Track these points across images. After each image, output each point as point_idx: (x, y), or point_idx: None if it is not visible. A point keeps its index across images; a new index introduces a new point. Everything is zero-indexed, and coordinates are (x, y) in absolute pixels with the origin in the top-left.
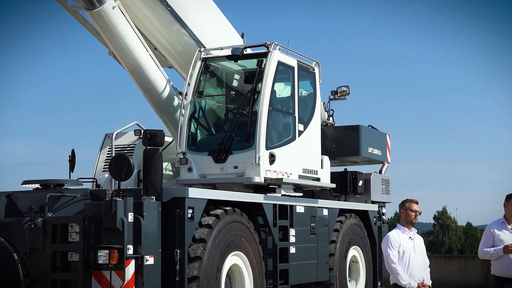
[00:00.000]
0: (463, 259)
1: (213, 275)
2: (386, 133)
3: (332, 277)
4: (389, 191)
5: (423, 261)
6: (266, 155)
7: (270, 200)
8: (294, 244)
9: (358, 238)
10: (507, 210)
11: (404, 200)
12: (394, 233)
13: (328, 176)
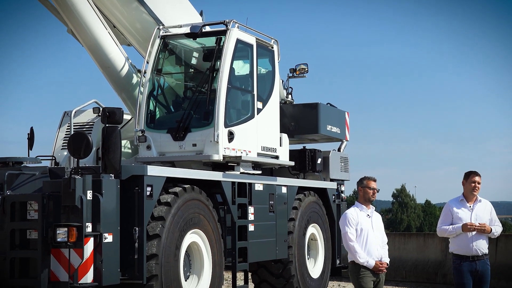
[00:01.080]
0: (422, 237)
1: (172, 253)
2: (345, 111)
3: (291, 255)
4: (348, 169)
5: (381, 239)
6: (224, 133)
7: (228, 178)
8: (252, 222)
9: (316, 216)
10: (465, 188)
11: (362, 178)
12: (352, 211)
13: (286, 154)
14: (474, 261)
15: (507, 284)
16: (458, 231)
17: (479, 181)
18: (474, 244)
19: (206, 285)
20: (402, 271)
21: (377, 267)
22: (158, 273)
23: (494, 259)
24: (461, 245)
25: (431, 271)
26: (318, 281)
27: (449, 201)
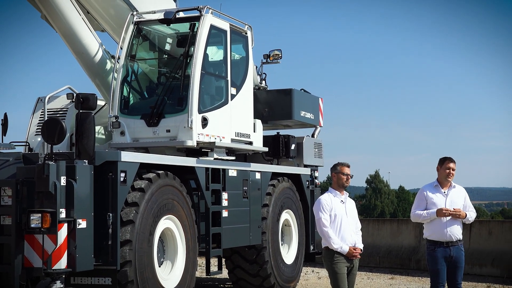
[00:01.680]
0: (396, 222)
1: (146, 239)
2: (318, 97)
3: (265, 241)
4: (321, 154)
5: (355, 224)
6: (198, 118)
7: (202, 163)
8: (226, 207)
9: (290, 201)
10: (440, 174)
11: (335, 164)
12: (326, 196)
13: (260, 139)
14: (448, 247)
15: (481, 270)
16: (433, 216)
17: (454, 167)
18: (448, 230)
19: (180, 271)
20: (375, 257)
21: (351, 253)
22: (132, 259)
23: (468, 245)
24: (435, 231)
25: (405, 257)
26: (292, 267)
27: (423, 186)
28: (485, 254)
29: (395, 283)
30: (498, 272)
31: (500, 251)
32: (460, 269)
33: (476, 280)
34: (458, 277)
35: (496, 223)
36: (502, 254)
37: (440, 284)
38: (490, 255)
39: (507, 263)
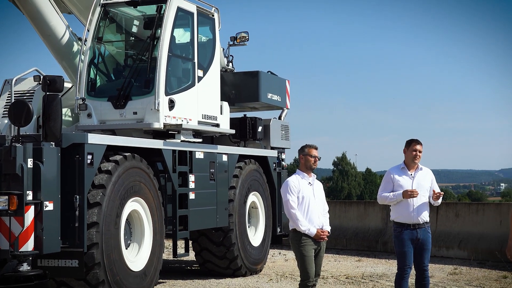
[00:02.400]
0: (362, 205)
1: (113, 221)
2: (285, 79)
3: (232, 223)
4: (288, 137)
5: (322, 206)
6: (165, 101)
7: (169, 146)
8: (193, 190)
9: (257, 184)
10: (407, 156)
11: (303, 146)
12: (293, 178)
13: (227, 122)
14: (415, 229)
15: (448, 252)
16: (399, 198)
17: (420, 149)
18: (415, 212)
19: (147, 253)
20: (342, 239)
21: (318, 235)
22: (99, 241)
23: (434, 227)
24: (402, 213)
25: (372, 239)
26: (259, 249)
27: (390, 168)
28: (452, 236)
29: (362, 265)
30: (465, 254)
31: (467, 233)
32: (427, 251)
33: (443, 262)
34: (425, 259)
35: (463, 205)
36: (468, 236)
37: (407, 266)
38: (457, 237)
39: (474, 245)
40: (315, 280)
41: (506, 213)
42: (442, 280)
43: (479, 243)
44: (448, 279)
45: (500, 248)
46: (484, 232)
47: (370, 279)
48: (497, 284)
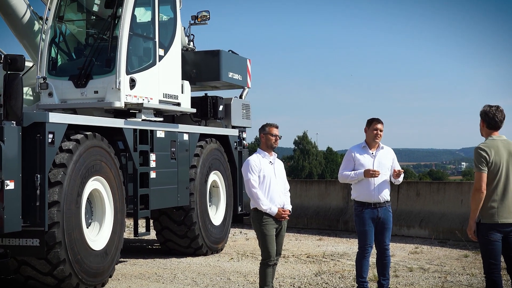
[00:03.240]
0: (324, 184)
1: (74, 200)
2: (246, 58)
3: (193, 202)
4: (249, 116)
5: (283, 185)
6: (126, 80)
7: (130, 125)
8: (154, 169)
9: (218, 163)
10: (368, 135)
11: (264, 125)
12: (254, 157)
13: (188, 101)
14: (376, 208)
15: (409, 231)
16: (360, 176)
17: (382, 128)
18: (376, 191)
19: (108, 232)
20: (304, 218)
21: (280, 214)
22: (60, 220)
23: (395, 206)
24: (363, 192)
25: (333, 218)
26: (220, 228)
27: (351, 147)
28: (413, 215)
29: (323, 244)
30: (426, 233)
31: (428, 212)
32: (387, 230)
33: (404, 241)
34: (385, 238)
35: (424, 184)
36: (429, 215)
37: (368, 245)
38: (418, 216)
39: (434, 224)
40: (276, 259)
41: (467, 192)
42: (403, 259)
43: (440, 222)
44: (409, 258)
45: (461, 227)
46: (445, 211)
47: (331, 258)
48: (458, 263)
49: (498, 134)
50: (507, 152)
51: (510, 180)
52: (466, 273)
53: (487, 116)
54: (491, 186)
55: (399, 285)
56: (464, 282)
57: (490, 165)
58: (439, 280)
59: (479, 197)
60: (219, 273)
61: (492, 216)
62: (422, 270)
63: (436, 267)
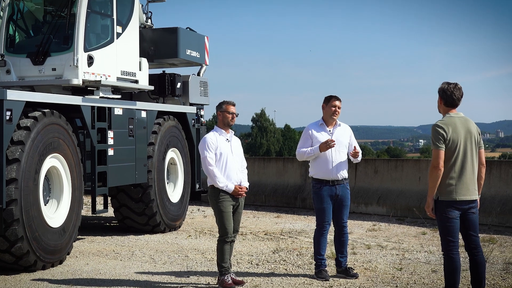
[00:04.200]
0: (281, 161)
1: (31, 177)
2: (204, 35)
3: (151, 179)
4: (207, 93)
5: (240, 163)
6: (84, 57)
7: (88, 102)
8: (112, 146)
9: (176, 140)
10: (325, 112)
11: (221, 102)
12: (211, 135)
13: (146, 78)
14: (334, 186)
15: (367, 208)
16: (316, 152)
17: (339, 106)
18: (334, 169)
19: (66, 209)
20: (261, 196)
21: (237, 191)
22: (18, 198)
23: (353, 183)
24: (321, 170)
25: (291, 195)
26: (178, 205)
27: (309, 125)
28: (371, 193)
29: (280, 221)
30: (384, 211)
31: (386, 190)
32: (345, 208)
33: (362, 219)
34: (343, 216)
35: (382, 161)
36: (387, 192)
37: (326, 223)
38: (375, 193)
39: (392, 202)
40: (234, 236)
41: (425, 169)
42: (361, 237)
43: (398, 199)
44: (367, 235)
45: (418, 205)
46: (403, 188)
47: (289, 236)
48: (415, 240)
49: (456, 112)
50: (465, 130)
51: (468, 157)
52: (424, 251)
53: (445, 94)
54: (448, 164)
55: (357, 263)
56: (422, 259)
57: (447, 142)
58: (397, 258)
59: (436, 174)
60: (177, 251)
61: (450, 193)
62: (380, 248)
63: (394, 244)
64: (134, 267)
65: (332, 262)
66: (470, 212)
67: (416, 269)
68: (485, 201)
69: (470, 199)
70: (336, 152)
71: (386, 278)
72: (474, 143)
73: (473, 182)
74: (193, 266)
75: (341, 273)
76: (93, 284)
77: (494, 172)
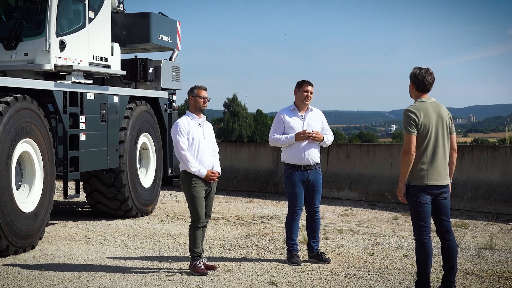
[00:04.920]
0: (253, 146)
1: (3, 162)
2: (176, 20)
3: (123, 164)
4: (179, 78)
5: (212, 148)
6: (56, 42)
7: (60, 87)
8: (84, 131)
9: (148, 125)
10: (297, 97)
11: (192, 87)
12: (183, 120)
13: (118, 63)
14: (306, 171)
15: (339, 193)
16: (291, 140)
17: (311, 91)
18: (306, 154)
19: (38, 194)
20: (233, 181)
21: (209, 176)
22: None
23: (325, 168)
24: (293, 155)
25: (263, 180)
26: (150, 190)
27: (281, 110)
28: (343, 178)
29: (252, 206)
30: (356, 196)
31: (358, 175)
32: (317, 193)
33: (334, 204)
34: (315, 201)
35: (354, 146)
36: (359, 177)
37: (298, 208)
38: (347, 178)
39: (364, 186)
40: (206, 221)
41: (396, 154)
42: (333, 221)
43: (370, 184)
44: (339, 220)
45: (390, 190)
46: (374, 173)
47: (261, 220)
48: (387, 225)
49: (428, 97)
50: (437, 115)
51: (439, 142)
52: (396, 235)
53: (416, 79)
54: (420, 148)
55: (329, 247)
56: (394, 244)
57: (419, 127)
58: (369, 242)
59: (408, 159)
60: (149, 235)
61: (422, 178)
62: (352, 233)
63: (366, 229)
64: (106, 252)
65: (304, 247)
66: (441, 197)
67: (388, 254)
68: (457, 186)
69: (441, 184)
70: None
71: (358, 263)
72: (445, 128)
73: (445, 167)
74: (165, 251)
75: (313, 258)
76: (65, 269)
77: (466, 157)
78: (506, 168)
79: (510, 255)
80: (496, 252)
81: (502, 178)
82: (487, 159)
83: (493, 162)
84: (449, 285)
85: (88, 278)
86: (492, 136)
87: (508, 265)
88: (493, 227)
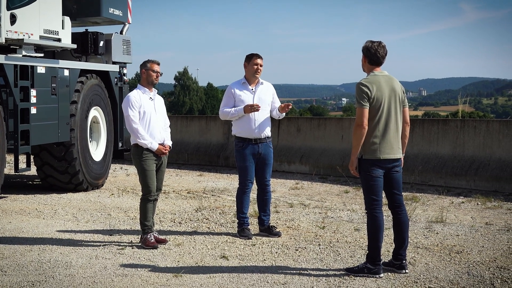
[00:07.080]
0: (204, 120)
1: None
2: None
3: (73, 138)
4: (130, 51)
5: (164, 121)
6: (7, 15)
7: (11, 61)
8: (35, 104)
9: (99, 98)
10: (247, 71)
11: (145, 61)
12: (134, 93)
13: (69, 36)
14: (257, 144)
15: (290, 167)
16: (240, 113)
17: (261, 64)
18: (257, 127)
19: None
20: (184, 154)
21: (160, 149)
22: None
23: (276, 141)
24: (243, 128)
25: (214, 153)
26: (101, 164)
27: (231, 84)
28: (294, 151)
29: (203, 179)
30: (307, 169)
31: (309, 148)
32: (268, 166)
33: (284, 177)
34: (266, 174)
35: (305, 120)
36: (310, 151)
37: (249, 181)
38: (298, 152)
39: (315, 160)
40: (157, 194)
41: (347, 127)
42: (284, 195)
43: (321, 158)
44: (290, 193)
45: (341, 163)
46: (325, 147)
47: (211, 194)
48: (338, 198)
49: (380, 70)
50: (389, 88)
51: (392, 115)
52: (347, 209)
53: (369, 52)
54: (372, 122)
55: (279, 221)
56: (344, 217)
57: (371, 101)
58: (319, 216)
59: (360, 132)
60: (100, 209)
61: (374, 152)
62: (303, 206)
63: (316, 202)
64: (56, 225)
65: (255, 221)
66: (394, 170)
67: (339, 227)
68: (408, 160)
69: (394, 157)
70: (259, 110)
71: (309, 237)
72: (398, 101)
73: (397, 140)
74: (116, 225)
75: (263, 232)
76: (16, 242)
77: (417, 131)
78: (456, 141)
79: (460, 228)
80: (447, 226)
81: (452, 151)
82: (438, 133)
83: (444, 135)
84: (400, 259)
85: (38, 252)
86: (442, 109)
87: (458, 239)
88: (443, 201)
